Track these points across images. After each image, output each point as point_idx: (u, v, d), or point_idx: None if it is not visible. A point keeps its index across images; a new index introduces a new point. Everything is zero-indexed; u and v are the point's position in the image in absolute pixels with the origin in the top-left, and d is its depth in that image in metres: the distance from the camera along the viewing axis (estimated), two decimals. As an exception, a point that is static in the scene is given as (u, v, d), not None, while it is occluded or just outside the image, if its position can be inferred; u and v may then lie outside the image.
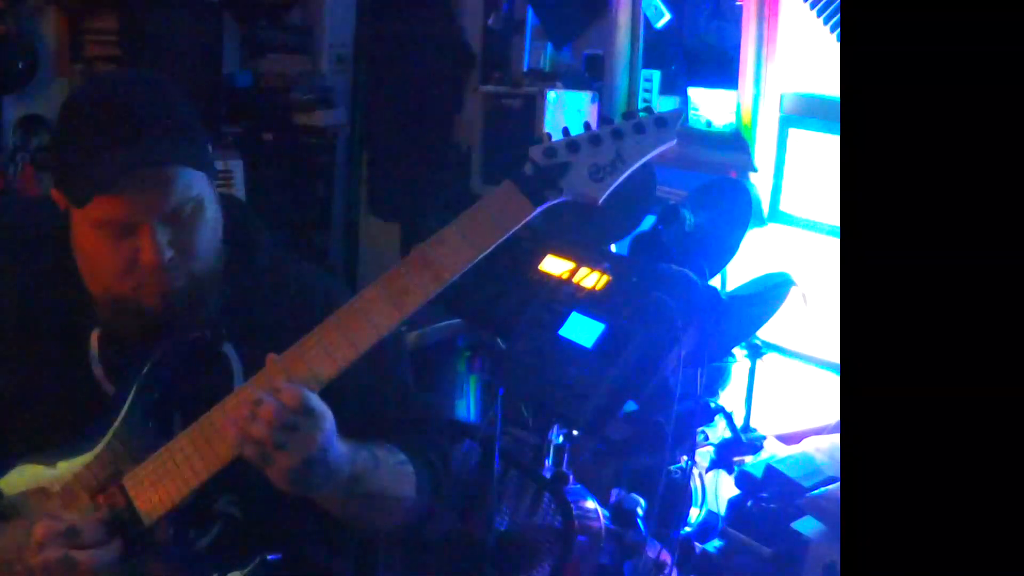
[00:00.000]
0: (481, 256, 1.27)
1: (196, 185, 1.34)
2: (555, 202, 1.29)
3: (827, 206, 2.68)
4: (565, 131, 1.30)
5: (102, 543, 1.29)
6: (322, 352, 1.26)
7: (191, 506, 1.33)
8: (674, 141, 1.30)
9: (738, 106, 2.96)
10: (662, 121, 1.29)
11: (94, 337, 1.41)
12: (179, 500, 1.30)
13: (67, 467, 1.37)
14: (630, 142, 1.28)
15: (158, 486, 1.31)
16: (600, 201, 1.28)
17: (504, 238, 1.28)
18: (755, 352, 2.54)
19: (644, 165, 2.43)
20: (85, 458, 1.36)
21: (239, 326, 1.39)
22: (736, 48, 2.95)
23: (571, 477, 2.34)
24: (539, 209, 1.27)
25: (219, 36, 4.29)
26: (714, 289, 2.31)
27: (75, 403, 1.41)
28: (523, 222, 1.27)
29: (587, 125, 1.31)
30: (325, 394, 1.29)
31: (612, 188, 1.29)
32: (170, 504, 1.30)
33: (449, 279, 1.27)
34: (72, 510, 1.35)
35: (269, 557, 1.35)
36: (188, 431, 1.30)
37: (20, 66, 3.85)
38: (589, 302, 2.27)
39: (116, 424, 1.35)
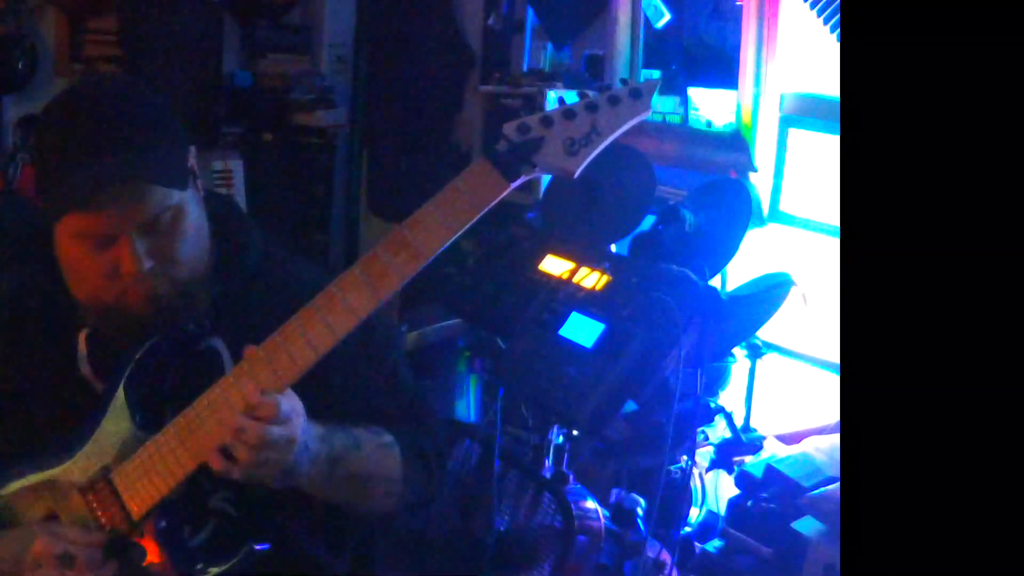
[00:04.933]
0: (457, 235, 1.26)
1: (174, 193, 1.32)
2: (530, 177, 1.28)
3: (827, 206, 2.68)
4: (541, 108, 1.30)
5: (97, 566, 1.30)
6: (302, 339, 1.25)
7: (184, 504, 1.33)
8: (649, 112, 1.29)
9: (738, 106, 2.96)
10: (637, 92, 1.28)
11: (82, 336, 1.41)
12: (167, 492, 1.30)
13: (58, 466, 1.37)
14: (605, 114, 1.27)
15: (146, 480, 1.31)
16: (576, 174, 1.27)
17: (479, 216, 1.27)
18: (755, 352, 2.54)
19: (644, 165, 2.46)
20: (75, 456, 1.37)
21: (230, 322, 1.40)
22: (736, 48, 2.95)
23: (571, 477, 2.34)
24: (514, 185, 1.27)
25: (219, 36, 4.28)
26: (714, 289, 2.31)
27: (64, 402, 1.41)
28: (498, 199, 1.27)
29: (561, 100, 1.31)
30: (315, 382, 1.29)
31: (588, 160, 1.27)
32: (158, 497, 1.31)
33: (426, 260, 1.26)
34: (63, 508, 1.36)
35: (257, 547, 1.35)
36: (173, 423, 1.31)
37: (20, 66, 3.85)
38: (589, 302, 2.27)
39: (104, 421, 1.35)
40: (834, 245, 2.61)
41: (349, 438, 1.39)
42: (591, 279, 2.33)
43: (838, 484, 2.17)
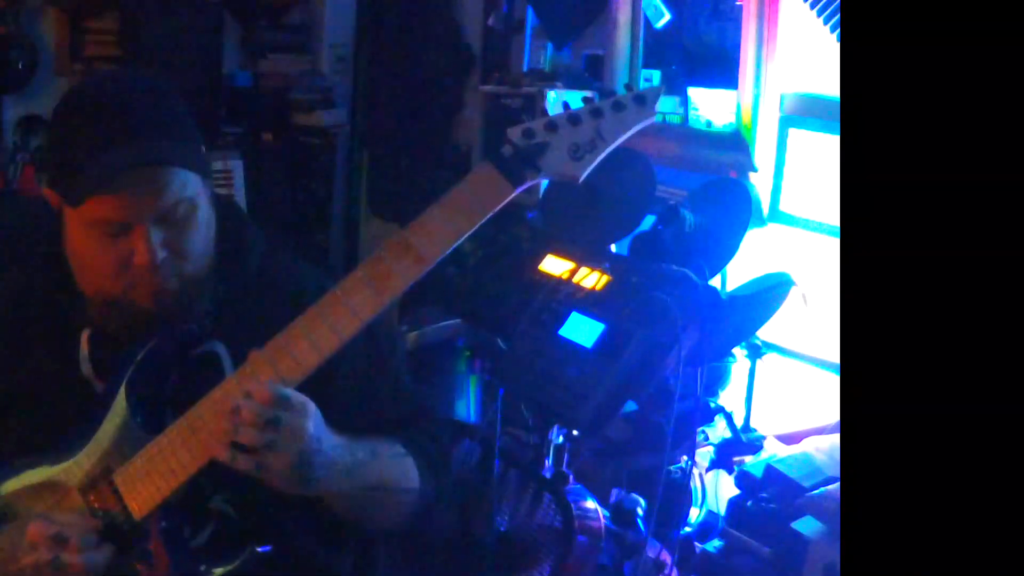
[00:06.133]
0: (462, 239, 1.26)
1: (190, 186, 1.34)
2: (534, 182, 1.28)
3: (827, 206, 2.68)
4: (544, 113, 1.30)
5: (91, 548, 1.29)
6: (306, 341, 1.25)
7: (185, 505, 1.33)
8: (654, 118, 1.29)
9: (738, 106, 2.96)
10: (641, 99, 1.28)
11: (84, 336, 1.41)
12: (168, 493, 1.30)
13: (58, 466, 1.38)
14: (609, 120, 1.27)
15: (147, 481, 1.31)
16: (580, 179, 1.27)
17: (484, 220, 1.26)
18: (755, 352, 2.54)
19: (644, 165, 2.46)
20: (76, 456, 1.37)
21: (231, 324, 1.40)
22: (736, 48, 2.95)
23: (571, 477, 2.34)
24: (519, 190, 1.26)
25: (219, 36, 4.29)
26: (714, 289, 2.31)
27: (65, 402, 1.41)
28: (502, 203, 1.26)
29: (566, 105, 1.31)
30: (318, 388, 1.29)
31: (592, 166, 1.27)
32: (160, 498, 1.31)
33: (430, 263, 1.25)
34: (64, 508, 1.35)
35: (259, 549, 1.35)
36: (175, 425, 1.31)
37: (20, 66, 3.85)
38: (589, 302, 2.27)
39: (105, 422, 1.36)
40: (834, 245, 2.61)
41: (368, 448, 1.39)
42: (591, 279, 2.33)
43: (838, 484, 2.17)
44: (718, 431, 2.50)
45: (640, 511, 2.35)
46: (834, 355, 2.54)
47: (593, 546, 2.26)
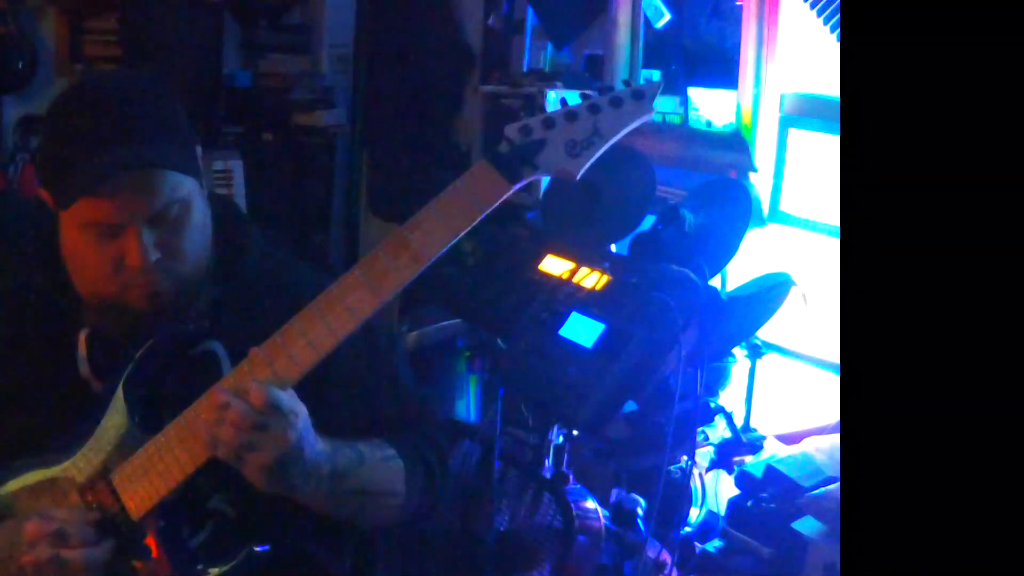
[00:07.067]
0: (458, 237, 1.26)
1: (183, 186, 1.34)
2: (531, 179, 1.27)
3: (827, 206, 2.68)
4: (542, 109, 1.29)
5: (91, 543, 1.29)
6: (303, 340, 1.25)
7: (184, 505, 1.33)
8: (652, 113, 1.28)
9: (738, 106, 2.96)
10: (639, 94, 1.27)
11: (82, 337, 1.41)
12: (166, 493, 1.30)
13: (57, 466, 1.38)
14: (607, 116, 1.26)
15: (145, 480, 1.31)
16: (578, 176, 1.26)
17: (481, 218, 1.26)
18: (755, 352, 2.53)
19: (644, 165, 2.46)
20: (74, 456, 1.37)
21: (230, 324, 1.39)
22: (736, 48, 2.95)
23: (571, 477, 2.34)
24: (516, 187, 1.26)
25: (219, 36, 4.28)
26: (714, 289, 2.31)
27: (63, 402, 1.41)
28: (499, 201, 1.26)
29: (563, 101, 1.31)
30: (317, 387, 1.28)
31: (590, 163, 1.27)
32: (157, 497, 1.31)
33: (427, 261, 1.25)
34: (62, 508, 1.35)
35: (257, 549, 1.35)
36: (173, 424, 1.31)
37: (20, 66, 3.85)
38: (589, 302, 2.27)
39: (103, 422, 1.36)
40: (834, 245, 2.61)
41: (353, 453, 1.38)
42: (591, 279, 2.33)
43: (838, 484, 2.17)
44: (718, 431, 2.50)
45: (640, 511, 2.35)
46: (834, 355, 2.54)
47: (593, 546, 2.26)
